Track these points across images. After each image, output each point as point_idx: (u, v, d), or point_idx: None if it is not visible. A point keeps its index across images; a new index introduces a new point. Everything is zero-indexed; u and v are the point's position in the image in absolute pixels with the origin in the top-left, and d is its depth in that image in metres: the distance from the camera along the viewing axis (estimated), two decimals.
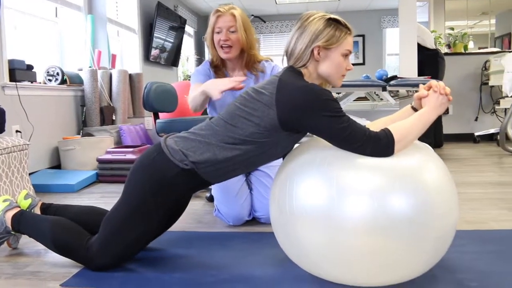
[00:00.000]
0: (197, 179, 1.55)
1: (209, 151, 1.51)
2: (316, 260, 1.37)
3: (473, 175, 3.31)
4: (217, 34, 2.11)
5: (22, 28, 3.77)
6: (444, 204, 1.33)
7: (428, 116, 1.43)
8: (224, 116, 1.54)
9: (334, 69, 1.52)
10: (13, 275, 1.62)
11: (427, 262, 1.36)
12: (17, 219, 1.74)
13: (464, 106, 5.57)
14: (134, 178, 1.57)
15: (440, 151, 4.73)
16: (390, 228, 1.26)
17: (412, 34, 4.35)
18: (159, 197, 1.53)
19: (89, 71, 4.14)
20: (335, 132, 1.37)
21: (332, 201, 1.30)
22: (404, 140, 1.36)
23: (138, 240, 1.59)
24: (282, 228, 1.45)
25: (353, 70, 1.62)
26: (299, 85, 1.43)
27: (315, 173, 1.36)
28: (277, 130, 1.46)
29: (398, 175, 1.30)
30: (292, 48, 1.53)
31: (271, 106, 1.44)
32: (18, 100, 3.32)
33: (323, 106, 1.38)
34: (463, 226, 2.05)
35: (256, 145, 1.49)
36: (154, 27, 5.79)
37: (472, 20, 6.69)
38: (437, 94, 1.46)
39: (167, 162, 1.53)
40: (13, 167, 2.64)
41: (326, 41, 1.48)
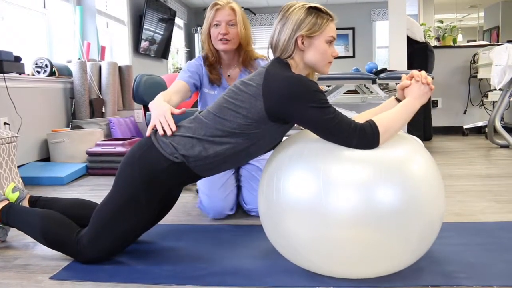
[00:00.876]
0: (187, 172, 1.55)
1: (199, 146, 1.51)
2: (304, 252, 1.39)
3: (461, 168, 3.34)
4: (216, 27, 2.06)
5: (9, 19, 3.72)
6: (431, 195, 1.34)
7: (411, 106, 1.45)
8: (213, 109, 1.54)
9: (320, 57, 1.53)
10: (1, 268, 1.61)
11: (414, 254, 1.38)
12: (6, 212, 1.73)
13: (453, 99, 5.61)
14: (125, 171, 1.56)
15: (429, 144, 4.77)
16: (377, 220, 1.28)
17: (402, 27, 4.36)
18: (150, 190, 1.53)
19: (78, 63, 4.10)
20: (321, 123, 1.38)
21: (319, 194, 1.31)
22: (389, 131, 1.38)
23: (129, 234, 1.59)
24: (270, 221, 1.46)
25: (338, 55, 1.62)
26: (286, 75, 1.44)
27: (303, 166, 1.37)
28: (264, 121, 1.47)
29: (385, 167, 1.31)
30: (276, 40, 1.54)
31: (258, 97, 1.45)
32: (6, 92, 3.29)
33: (310, 97, 1.39)
34: (451, 219, 2.07)
35: (244, 137, 1.50)
36: (144, 19, 5.74)
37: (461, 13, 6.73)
38: (419, 84, 1.48)
39: (158, 155, 1.52)
40: (1, 159, 2.62)
41: (309, 30, 1.49)
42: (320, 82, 4.00)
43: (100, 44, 4.78)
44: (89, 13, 4.60)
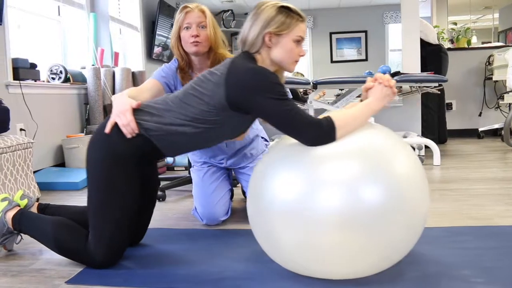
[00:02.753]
0: (148, 144, 1.59)
1: (160, 123, 1.57)
2: (290, 255, 1.38)
3: (477, 171, 3.30)
4: (186, 30, 1.99)
5: (25, 27, 3.78)
6: (415, 193, 1.35)
7: (371, 106, 1.47)
8: (179, 94, 1.60)
9: (286, 55, 1.58)
10: (18, 273, 1.63)
11: (399, 252, 1.38)
12: (18, 220, 1.74)
13: (468, 101, 5.55)
14: (91, 156, 1.61)
15: (444, 147, 4.72)
16: (362, 219, 1.28)
17: (415, 30, 4.33)
18: (119, 167, 1.57)
19: (92, 69, 4.14)
20: (278, 114, 1.43)
21: (304, 196, 1.31)
22: (345, 127, 1.40)
23: (122, 219, 1.59)
24: (258, 224, 1.46)
25: (305, 55, 1.67)
26: (248, 67, 1.50)
27: (288, 168, 1.38)
28: (225, 109, 1.52)
29: (368, 166, 1.31)
30: (246, 35, 1.60)
31: (220, 85, 1.50)
32: (22, 98, 3.33)
33: (269, 89, 1.44)
34: (467, 222, 2.04)
35: (205, 123, 1.55)
36: (157, 24, 5.78)
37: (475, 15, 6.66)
38: (382, 86, 1.50)
39: (118, 131, 1.57)
40: (18, 165, 2.65)
41: (277, 28, 1.54)
42: (333, 85, 4.00)
43: (114, 50, 4.82)
44: (103, 20, 4.66)
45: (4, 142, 2.54)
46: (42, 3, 4.00)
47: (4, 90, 3.19)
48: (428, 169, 3.50)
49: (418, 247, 1.70)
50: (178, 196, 2.85)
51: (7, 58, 3.24)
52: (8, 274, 1.62)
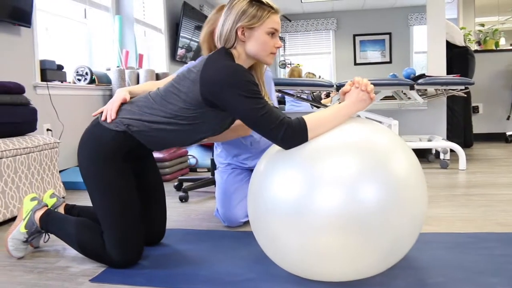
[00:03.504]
0: (133, 141, 1.61)
1: (141, 120, 1.59)
2: (289, 257, 1.37)
3: (504, 176, 3.22)
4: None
5: (53, 29, 3.86)
6: (414, 193, 1.34)
7: (345, 110, 1.45)
8: (160, 91, 1.63)
9: (260, 47, 1.58)
10: (44, 270, 1.66)
11: (397, 253, 1.36)
12: (45, 220, 1.78)
13: (495, 104, 5.43)
14: (81, 156, 1.64)
15: (470, 151, 4.63)
16: (362, 220, 1.26)
17: (441, 31, 4.26)
18: (108, 164, 1.59)
19: (117, 70, 4.20)
20: (250, 113, 1.44)
21: (303, 197, 1.29)
22: (317, 129, 1.39)
23: (125, 214, 1.61)
24: (258, 225, 1.45)
25: (281, 47, 1.66)
26: (223, 64, 1.51)
27: (287, 169, 1.36)
28: (201, 106, 1.54)
29: (367, 164, 1.30)
30: (221, 30, 1.61)
31: (195, 82, 1.53)
32: (49, 99, 3.40)
33: (241, 86, 1.45)
34: (494, 228, 2.00)
35: (184, 120, 1.58)
36: (180, 26, 5.84)
37: (503, 16, 6.51)
38: (358, 90, 1.48)
39: (102, 129, 1.61)
40: (44, 164, 2.71)
41: (249, 21, 1.55)
42: None
43: (138, 52, 4.88)
44: (128, 22, 4.72)
45: (31, 142, 2.60)
46: (69, 6, 4.08)
47: (32, 91, 3.26)
48: (453, 173, 3.44)
49: (444, 252, 1.67)
50: (201, 197, 2.87)
51: (35, 60, 3.31)
52: (35, 271, 1.65)
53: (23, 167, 2.51)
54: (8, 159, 2.39)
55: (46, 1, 3.71)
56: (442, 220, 2.16)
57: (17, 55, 3.16)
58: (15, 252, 1.78)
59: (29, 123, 2.71)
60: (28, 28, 3.21)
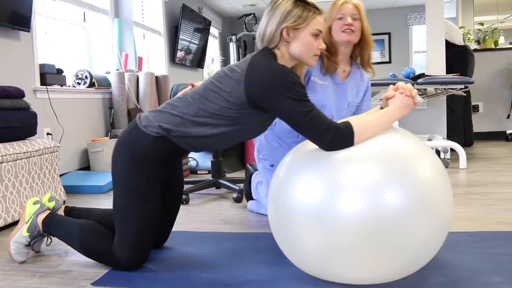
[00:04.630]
0: (171, 146, 1.59)
1: (182, 125, 1.56)
2: (311, 259, 1.37)
3: (505, 174, 3.22)
4: (339, 20, 2.08)
5: (52, 33, 3.86)
6: (439, 197, 1.32)
7: (391, 115, 1.45)
8: (199, 90, 1.60)
9: (305, 49, 1.57)
10: (45, 274, 1.66)
11: (420, 258, 1.35)
12: (47, 223, 1.77)
13: (495, 103, 5.43)
14: (115, 160, 1.62)
15: (470, 149, 4.63)
16: (385, 224, 1.25)
17: (440, 31, 4.26)
18: (143, 170, 1.57)
19: (116, 74, 4.20)
20: (297, 116, 1.42)
21: (326, 200, 1.29)
22: (363, 134, 1.38)
23: (146, 222, 1.60)
24: (279, 229, 1.44)
25: (324, 48, 1.65)
26: (269, 65, 1.49)
27: (310, 172, 1.36)
28: (244, 107, 1.52)
29: (391, 170, 1.29)
30: (264, 30, 1.59)
31: (240, 82, 1.50)
32: (49, 103, 3.41)
33: (289, 88, 1.43)
34: (496, 227, 1.99)
35: (225, 120, 1.55)
36: (180, 29, 5.84)
37: (502, 14, 6.51)
38: (403, 96, 1.48)
39: (141, 134, 1.58)
40: (45, 168, 2.71)
41: (294, 22, 1.54)
42: None
43: (138, 55, 4.88)
44: (127, 25, 4.72)
45: (32, 146, 2.60)
46: (68, 10, 4.08)
47: (32, 95, 3.26)
48: (454, 172, 3.44)
49: (445, 252, 1.67)
50: (202, 200, 2.87)
51: (34, 64, 3.32)
52: (36, 275, 1.65)
53: (23, 172, 2.51)
54: (9, 163, 2.39)
55: (45, 5, 3.72)
56: None
57: (16, 59, 3.16)
58: (17, 256, 1.78)
59: (29, 127, 2.71)
60: (27, 32, 3.21)
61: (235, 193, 2.73)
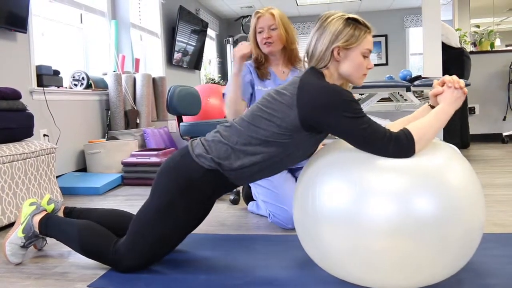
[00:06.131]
0: (223, 180, 1.56)
1: (233, 154, 1.52)
2: (340, 263, 1.36)
3: (501, 177, 3.23)
4: (260, 34, 2.23)
5: (49, 34, 3.86)
6: (470, 205, 1.30)
7: (446, 113, 1.43)
8: (247, 117, 1.55)
9: (355, 69, 1.52)
10: (41, 276, 1.65)
11: (453, 265, 1.33)
12: (44, 224, 1.77)
13: (492, 105, 5.44)
14: (161, 180, 1.59)
15: (467, 152, 4.64)
16: (414, 230, 1.24)
17: (436, 33, 4.28)
18: (186, 198, 1.54)
19: (113, 75, 4.20)
20: (355, 133, 1.37)
21: (355, 204, 1.29)
22: (423, 138, 1.35)
23: (166, 241, 1.59)
24: (305, 230, 1.44)
25: (373, 68, 1.61)
26: (320, 85, 1.44)
27: (338, 175, 1.36)
28: (298, 130, 1.47)
29: (422, 176, 1.28)
30: (313, 49, 1.54)
31: (292, 106, 1.45)
32: (46, 104, 3.40)
33: (344, 107, 1.38)
34: (491, 229, 2.00)
35: (278, 146, 1.50)
36: (177, 31, 5.84)
37: (498, 17, 6.53)
38: (452, 89, 1.45)
39: (192, 163, 1.54)
40: (41, 170, 2.70)
41: (346, 41, 1.48)
42: (353, 90, 3.96)
43: (135, 56, 4.88)
44: (124, 27, 4.72)
45: (28, 147, 2.59)
46: (65, 11, 4.08)
47: (28, 96, 3.26)
48: None
49: None
50: None
51: (31, 65, 3.31)
52: (32, 277, 1.64)
53: (19, 173, 2.50)
54: (5, 165, 2.39)
55: (42, 6, 3.71)
56: None
57: (13, 60, 3.15)
58: (13, 257, 1.77)
59: (25, 129, 2.70)
60: (24, 34, 3.20)
61: (232, 195, 2.73)
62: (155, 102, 4.94)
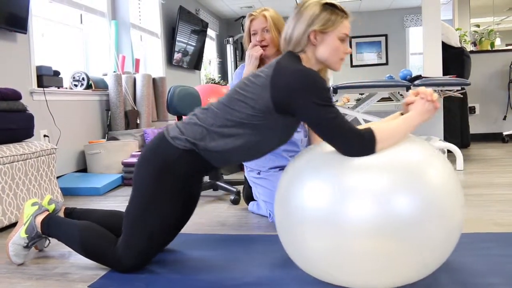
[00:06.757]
0: (199, 160, 1.57)
1: (208, 136, 1.54)
2: (319, 263, 1.36)
3: (501, 176, 3.23)
4: (253, 36, 2.22)
5: (49, 35, 3.86)
6: (449, 203, 1.31)
7: (413, 120, 1.44)
8: (224, 99, 1.58)
9: (332, 53, 1.55)
10: (42, 276, 1.65)
11: (432, 264, 1.34)
12: (46, 224, 1.77)
13: (492, 105, 5.45)
14: (140, 168, 1.60)
15: (467, 151, 4.64)
16: (394, 229, 1.25)
17: (436, 33, 4.27)
18: (167, 182, 1.56)
19: (113, 75, 4.20)
20: (322, 121, 1.40)
21: (334, 204, 1.29)
22: (386, 141, 1.36)
23: (157, 231, 1.59)
24: (285, 231, 1.44)
25: (350, 52, 1.63)
26: (295, 68, 1.46)
27: (318, 175, 1.36)
28: (271, 112, 1.49)
29: (402, 176, 1.29)
30: (290, 34, 1.57)
31: (266, 87, 1.47)
32: (46, 105, 3.40)
33: (315, 93, 1.41)
34: (491, 228, 2.00)
35: (252, 128, 1.52)
36: (177, 31, 5.84)
37: (498, 16, 6.53)
38: (424, 101, 1.47)
39: (169, 146, 1.56)
40: (42, 170, 2.70)
41: (322, 25, 1.52)
42: (354, 90, 3.97)
43: (135, 57, 4.89)
44: (124, 27, 4.72)
45: (28, 148, 2.59)
46: (65, 12, 4.08)
47: (29, 97, 3.26)
48: None
49: None
50: (200, 201, 2.85)
51: (31, 66, 3.31)
52: (33, 278, 1.65)
53: (20, 174, 2.50)
54: (5, 165, 2.39)
55: (42, 7, 3.72)
56: None
57: (13, 61, 3.15)
58: (15, 258, 1.78)
59: (26, 129, 2.70)
60: (24, 34, 3.21)
61: (232, 195, 2.73)
62: (155, 102, 4.95)
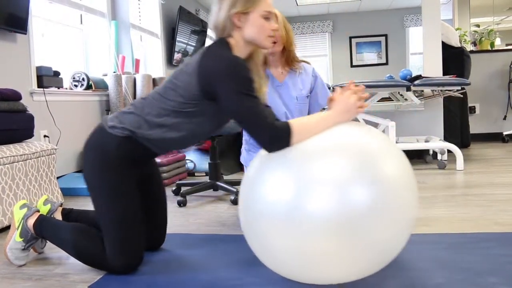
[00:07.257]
0: (139, 146, 1.60)
1: (144, 124, 1.57)
2: (281, 260, 1.36)
3: (502, 176, 3.23)
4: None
5: (49, 35, 3.86)
6: (401, 195, 1.31)
7: (329, 120, 1.41)
8: (159, 89, 1.61)
9: (258, 32, 1.58)
10: (43, 277, 1.65)
11: (386, 256, 1.34)
12: (39, 226, 1.76)
13: (492, 104, 5.45)
14: (85, 164, 1.63)
15: (467, 151, 4.64)
16: (351, 222, 1.25)
17: (436, 33, 4.28)
18: (114, 172, 1.58)
19: (113, 76, 4.20)
20: (240, 109, 1.43)
21: (292, 200, 1.28)
22: (301, 134, 1.37)
23: (128, 220, 1.60)
24: (250, 230, 1.43)
25: (278, 30, 1.66)
26: (223, 54, 1.49)
27: (277, 172, 1.35)
28: (200, 99, 1.52)
29: (355, 169, 1.28)
30: (215, 20, 1.60)
31: (193, 74, 1.50)
32: (46, 105, 3.40)
33: (238, 80, 1.43)
34: (492, 228, 2.00)
35: (185, 116, 1.55)
36: (177, 31, 5.84)
37: (498, 16, 6.53)
38: (346, 101, 1.45)
39: (107, 135, 1.59)
40: (42, 171, 2.70)
41: (243, 6, 1.55)
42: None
43: (135, 57, 4.88)
44: (124, 27, 4.72)
45: (29, 148, 2.59)
46: (65, 12, 4.08)
47: (29, 97, 3.26)
48: (451, 174, 3.44)
49: (442, 253, 1.67)
50: (199, 202, 2.87)
51: (31, 66, 3.31)
52: (33, 278, 1.65)
53: (20, 174, 2.50)
54: (5, 166, 2.39)
55: (42, 7, 3.71)
56: (440, 220, 2.16)
57: (13, 61, 3.15)
58: (17, 261, 1.77)
59: (26, 130, 2.70)
60: (24, 35, 3.21)
61: (232, 195, 2.73)
62: None
